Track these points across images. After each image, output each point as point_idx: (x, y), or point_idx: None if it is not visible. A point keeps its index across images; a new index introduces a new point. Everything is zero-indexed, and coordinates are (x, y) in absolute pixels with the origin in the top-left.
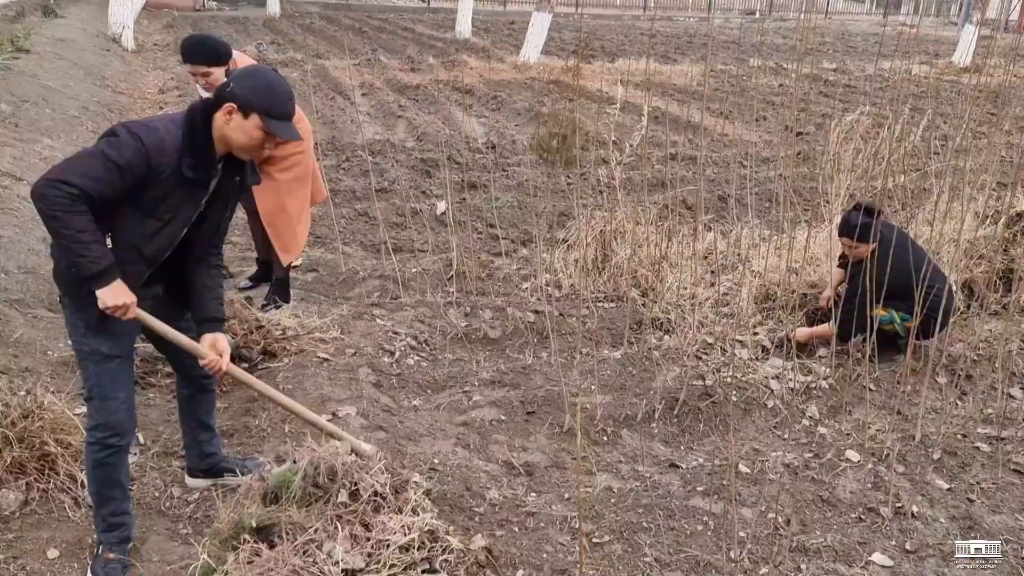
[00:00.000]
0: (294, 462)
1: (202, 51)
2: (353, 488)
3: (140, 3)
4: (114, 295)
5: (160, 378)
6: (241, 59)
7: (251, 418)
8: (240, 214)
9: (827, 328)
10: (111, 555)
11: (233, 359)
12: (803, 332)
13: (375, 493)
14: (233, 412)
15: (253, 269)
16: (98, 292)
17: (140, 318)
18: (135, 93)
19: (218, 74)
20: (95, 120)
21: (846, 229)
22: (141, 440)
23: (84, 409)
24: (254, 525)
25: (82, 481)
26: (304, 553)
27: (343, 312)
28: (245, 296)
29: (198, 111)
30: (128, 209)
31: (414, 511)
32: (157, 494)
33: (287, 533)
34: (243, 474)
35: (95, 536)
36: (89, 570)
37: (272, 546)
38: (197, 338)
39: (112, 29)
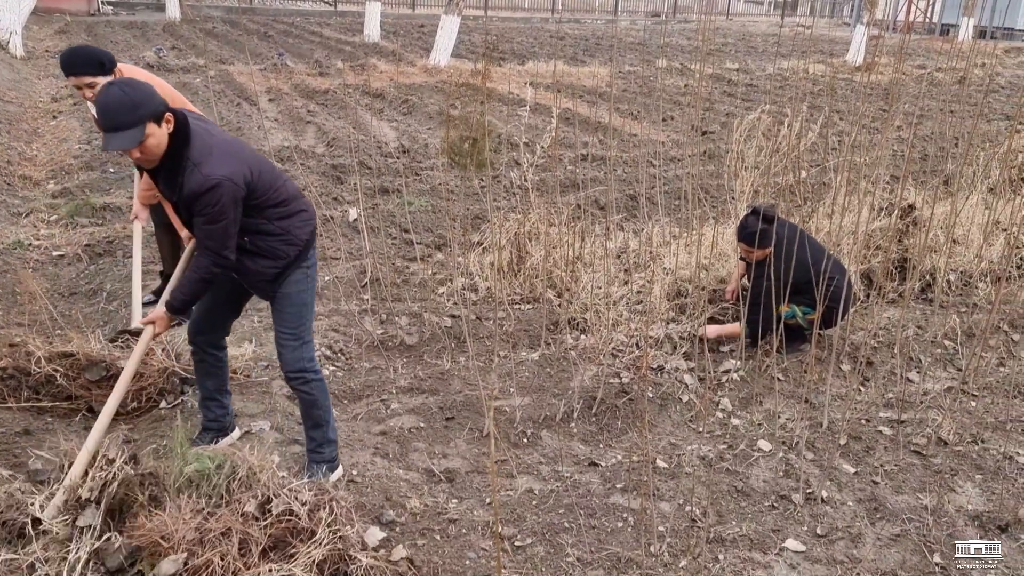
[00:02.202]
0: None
1: (84, 61)
2: (264, 501)
3: (29, 8)
4: None
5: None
6: (129, 71)
7: None
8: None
9: (735, 327)
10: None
11: None
12: (712, 330)
13: (288, 512)
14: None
15: (157, 283)
16: None
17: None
18: (25, 102)
19: (104, 84)
20: None
21: (744, 235)
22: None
23: None
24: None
25: None
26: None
27: (255, 324)
28: (149, 310)
29: None
30: None
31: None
32: None
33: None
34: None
35: None
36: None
37: None
38: None
39: None
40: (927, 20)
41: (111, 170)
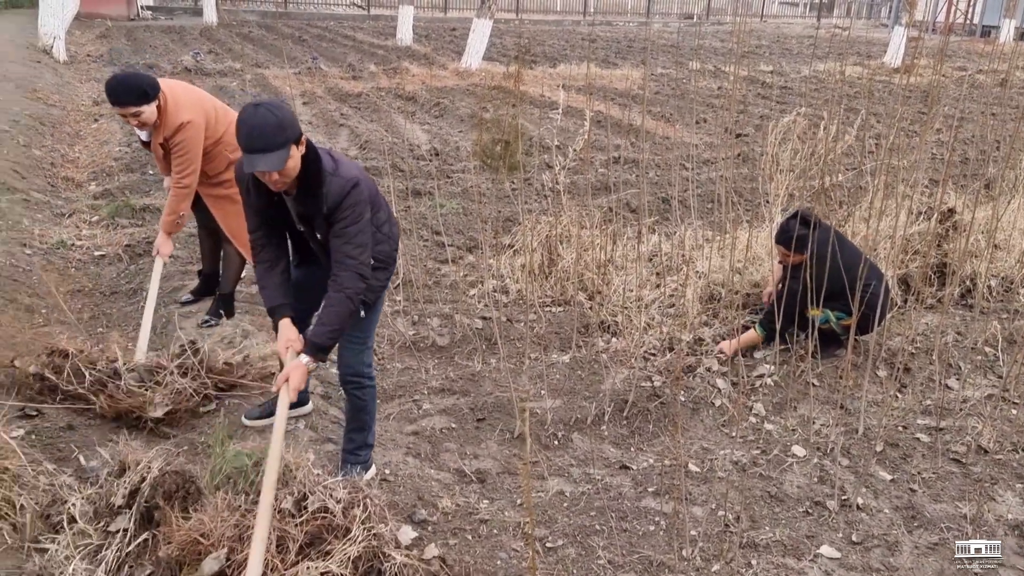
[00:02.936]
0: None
1: (127, 91)
2: (300, 498)
3: (72, 13)
4: (278, 336)
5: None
6: (171, 89)
7: None
8: (189, 228)
9: (753, 334)
10: None
11: None
12: (730, 345)
13: (324, 509)
14: None
15: (195, 283)
16: None
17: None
18: (68, 105)
19: (149, 112)
20: (26, 134)
21: (783, 239)
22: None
23: (20, 432)
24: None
25: (20, 505)
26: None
27: None
28: (187, 310)
29: None
30: None
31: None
32: None
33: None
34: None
35: None
36: None
37: None
38: None
39: (43, 40)
40: (967, 21)
41: (150, 172)
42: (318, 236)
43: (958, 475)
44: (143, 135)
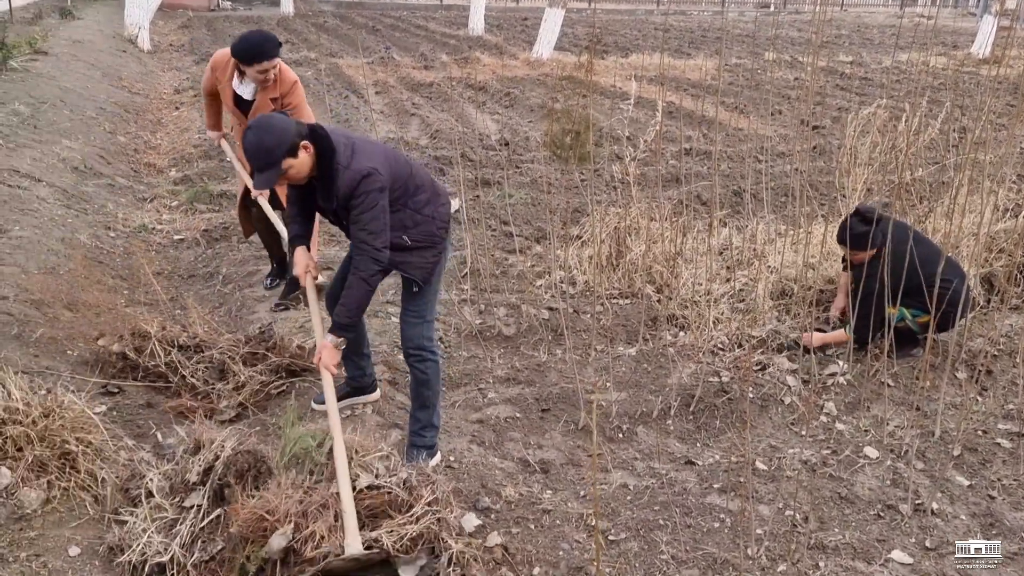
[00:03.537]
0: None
1: (272, 42)
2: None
3: (156, 4)
4: (296, 262)
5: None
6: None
7: None
8: None
9: (841, 334)
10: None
11: None
12: (817, 337)
13: (388, 492)
14: None
15: (268, 267)
16: None
17: (304, 287)
18: (151, 94)
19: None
20: (112, 121)
21: (846, 238)
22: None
23: (103, 408)
24: None
25: (102, 478)
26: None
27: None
28: (260, 293)
29: None
30: None
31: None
32: None
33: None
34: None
35: None
36: None
37: None
38: None
39: (128, 30)
40: None
41: (226, 160)
42: (343, 222)
43: None
44: (247, 92)
